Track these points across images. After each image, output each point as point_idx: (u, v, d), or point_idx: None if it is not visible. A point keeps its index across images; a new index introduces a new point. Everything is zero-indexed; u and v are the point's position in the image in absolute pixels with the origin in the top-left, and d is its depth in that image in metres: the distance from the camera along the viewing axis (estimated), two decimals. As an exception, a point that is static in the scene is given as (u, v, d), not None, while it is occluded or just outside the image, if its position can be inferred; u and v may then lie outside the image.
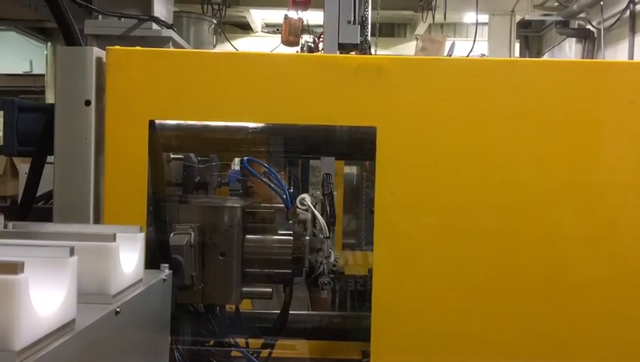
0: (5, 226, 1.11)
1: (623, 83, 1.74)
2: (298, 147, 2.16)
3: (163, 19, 4.13)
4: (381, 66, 1.69)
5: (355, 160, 4.05)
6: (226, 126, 1.94)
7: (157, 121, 1.74)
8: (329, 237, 2.09)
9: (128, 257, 1.11)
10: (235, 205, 1.98)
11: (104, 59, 1.69)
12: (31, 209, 1.98)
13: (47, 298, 0.78)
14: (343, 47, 6.62)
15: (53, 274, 0.79)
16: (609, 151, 1.72)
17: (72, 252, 0.84)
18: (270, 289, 2.08)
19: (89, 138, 1.67)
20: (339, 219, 5.82)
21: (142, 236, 1.18)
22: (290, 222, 2.08)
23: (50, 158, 1.89)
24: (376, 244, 1.70)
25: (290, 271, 2.02)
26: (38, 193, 2.31)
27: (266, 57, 1.82)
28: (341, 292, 4.22)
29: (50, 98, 10.91)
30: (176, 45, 4.01)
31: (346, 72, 1.70)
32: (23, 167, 5.69)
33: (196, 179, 2.35)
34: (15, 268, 0.70)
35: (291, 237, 2.02)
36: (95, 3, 3.69)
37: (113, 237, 1.02)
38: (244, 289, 2.01)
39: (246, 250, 1.98)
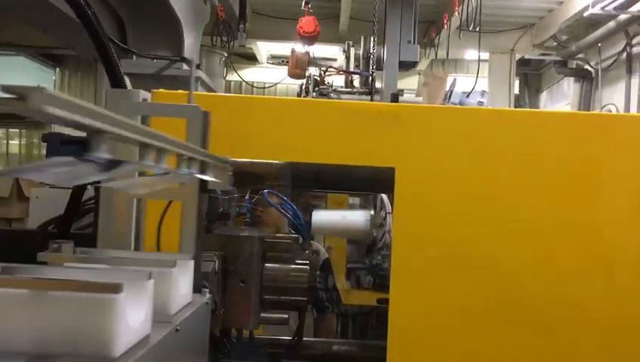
0: (75, 252, 1.25)
1: (617, 133, 1.92)
2: (321, 183, 2.31)
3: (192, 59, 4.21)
4: (399, 113, 1.86)
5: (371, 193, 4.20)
6: (252, 162, 2.09)
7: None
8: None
9: (183, 281, 1.26)
10: (256, 235, 2.11)
11: (149, 100, 1.85)
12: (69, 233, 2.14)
13: (133, 315, 0.92)
14: (403, 65, 6.80)
15: (136, 295, 0.94)
16: (604, 193, 1.89)
17: (149, 276, 0.99)
18: (287, 316, 2.20)
19: (133, 171, 1.81)
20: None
21: (192, 263, 1.33)
22: (307, 252, 2.22)
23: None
24: (393, 277, 1.84)
25: (305, 298, 2.15)
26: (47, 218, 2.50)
27: (293, 102, 1.99)
28: (345, 319, 4.33)
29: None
30: (203, 83, 4.19)
31: (367, 117, 1.87)
32: (34, 191, 5.78)
33: (219, 210, 2.49)
34: (116, 288, 0.85)
35: (307, 267, 2.15)
36: (130, 43, 3.86)
37: (174, 263, 1.17)
38: (263, 314, 2.13)
39: (264, 278, 2.11)
